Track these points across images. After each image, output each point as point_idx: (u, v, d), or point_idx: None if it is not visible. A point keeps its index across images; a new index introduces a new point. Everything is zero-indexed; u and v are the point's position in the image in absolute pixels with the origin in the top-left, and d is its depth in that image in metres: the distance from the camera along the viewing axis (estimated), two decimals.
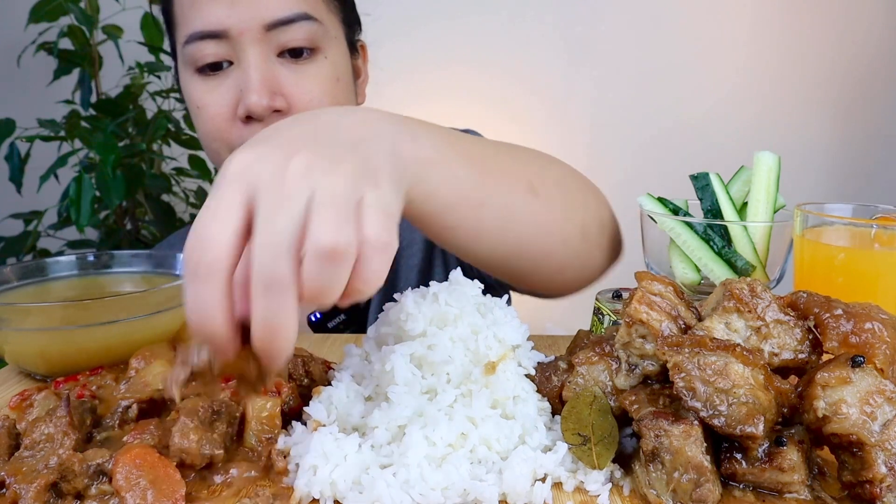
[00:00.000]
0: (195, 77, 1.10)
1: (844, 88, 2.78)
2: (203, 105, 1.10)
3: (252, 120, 1.07)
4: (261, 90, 1.04)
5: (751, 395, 0.55)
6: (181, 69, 1.13)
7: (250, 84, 1.04)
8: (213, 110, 1.09)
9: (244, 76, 1.05)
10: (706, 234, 0.88)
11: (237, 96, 1.07)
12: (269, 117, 1.06)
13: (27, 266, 0.97)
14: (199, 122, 1.13)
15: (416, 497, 0.56)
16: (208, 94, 1.09)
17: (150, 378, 0.78)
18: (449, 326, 0.70)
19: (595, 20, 2.71)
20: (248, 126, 1.07)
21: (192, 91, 1.11)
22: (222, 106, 1.08)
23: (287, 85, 1.07)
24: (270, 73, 1.06)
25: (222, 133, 1.10)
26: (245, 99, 1.04)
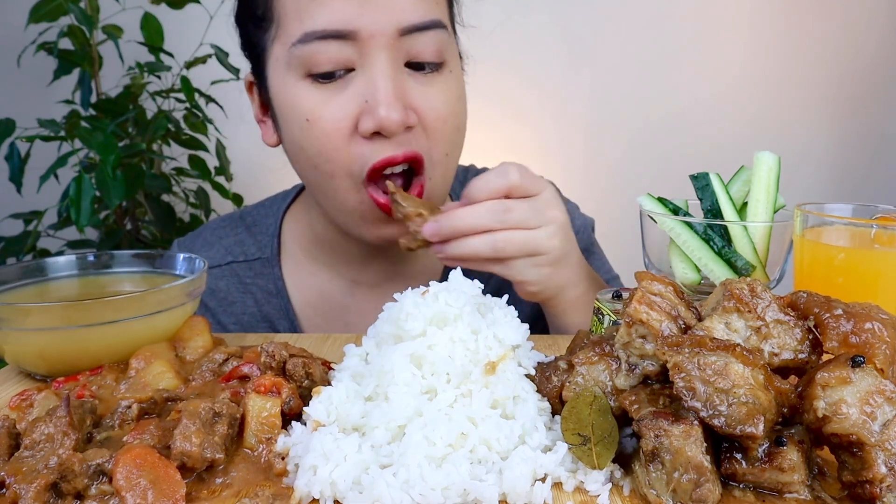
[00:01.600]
0: (304, 83, 0.95)
1: (844, 88, 2.77)
2: (316, 118, 0.95)
3: (378, 136, 0.94)
4: (394, 102, 0.92)
5: (751, 395, 0.55)
6: (280, 72, 0.97)
7: (380, 95, 0.91)
8: (329, 125, 0.94)
9: (371, 86, 0.92)
10: (706, 234, 0.88)
11: (359, 108, 0.94)
12: (400, 135, 0.95)
13: (27, 266, 0.97)
14: (308, 139, 0.97)
15: (416, 497, 0.56)
16: (322, 106, 0.94)
17: (150, 378, 0.78)
18: (449, 326, 0.70)
19: (595, 19, 2.71)
20: (372, 143, 0.94)
21: (302, 100, 0.95)
22: (341, 120, 0.94)
23: (417, 99, 0.96)
24: (401, 83, 0.94)
25: (339, 151, 0.95)
26: (374, 111, 0.92)
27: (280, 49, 0.96)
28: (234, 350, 0.84)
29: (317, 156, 0.97)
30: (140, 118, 2.24)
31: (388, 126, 0.92)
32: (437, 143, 0.99)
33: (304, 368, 0.76)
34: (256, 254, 1.21)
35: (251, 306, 1.19)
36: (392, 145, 0.95)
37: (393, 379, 0.66)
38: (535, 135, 2.75)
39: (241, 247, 1.22)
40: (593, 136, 2.80)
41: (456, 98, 1.02)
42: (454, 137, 1.02)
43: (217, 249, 1.21)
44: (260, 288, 1.20)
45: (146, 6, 2.22)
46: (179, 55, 2.24)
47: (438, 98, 0.98)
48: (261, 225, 1.24)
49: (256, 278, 1.20)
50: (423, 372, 0.67)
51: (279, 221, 1.23)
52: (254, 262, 1.21)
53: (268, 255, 1.20)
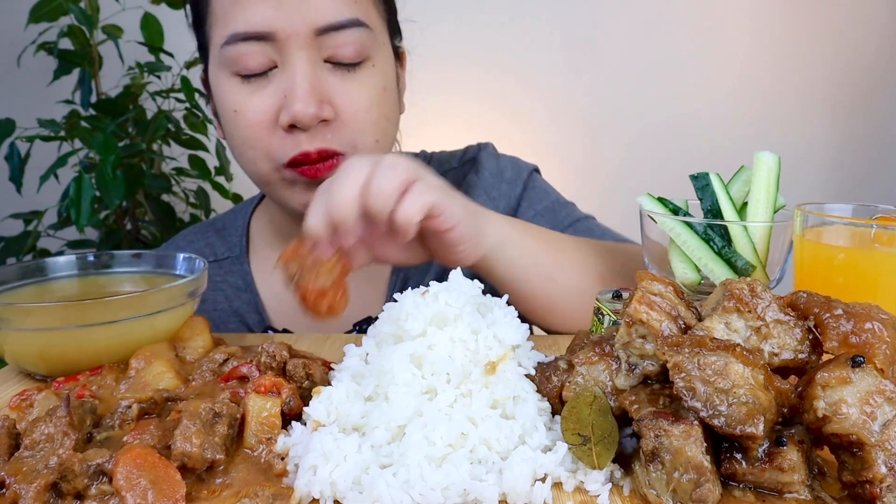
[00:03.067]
0: (232, 80, 1.02)
1: (844, 88, 2.78)
2: (241, 110, 1.02)
3: (295, 129, 1.00)
4: (308, 98, 0.97)
5: (751, 395, 0.55)
6: (215, 70, 1.05)
7: (296, 91, 0.97)
8: (252, 116, 1.01)
9: (289, 82, 0.98)
10: (706, 234, 0.88)
11: (280, 102, 1.00)
12: (315, 127, 1.00)
13: (27, 266, 0.97)
14: (234, 128, 1.05)
15: (416, 497, 0.56)
16: (247, 99, 1.01)
17: (150, 378, 0.78)
18: (449, 326, 0.70)
19: (595, 20, 2.71)
20: (292, 135, 1.00)
21: (229, 94, 1.03)
22: (263, 112, 1.01)
23: (335, 93, 1.01)
24: (318, 80, 0.99)
25: (261, 141, 1.02)
26: (290, 106, 0.98)
27: (213, 49, 1.04)
28: (234, 350, 0.84)
29: (242, 143, 1.05)
30: (140, 118, 2.24)
31: (302, 119, 0.98)
32: (362, 133, 1.04)
33: (305, 369, 0.76)
34: (226, 253, 1.28)
35: (221, 302, 1.24)
36: (308, 138, 1.00)
37: (393, 379, 0.66)
38: (534, 136, 2.74)
39: (211, 248, 1.29)
40: (593, 136, 2.80)
41: (379, 90, 1.06)
42: (381, 125, 1.07)
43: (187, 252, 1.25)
44: (230, 284, 1.25)
45: (146, 6, 2.23)
46: (179, 55, 2.24)
47: (358, 91, 1.02)
48: (230, 227, 1.31)
49: (226, 276, 1.26)
50: (423, 372, 0.67)
51: (247, 222, 1.30)
52: (223, 261, 1.27)
53: (237, 254, 1.27)
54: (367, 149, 1.05)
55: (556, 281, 1.00)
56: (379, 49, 1.06)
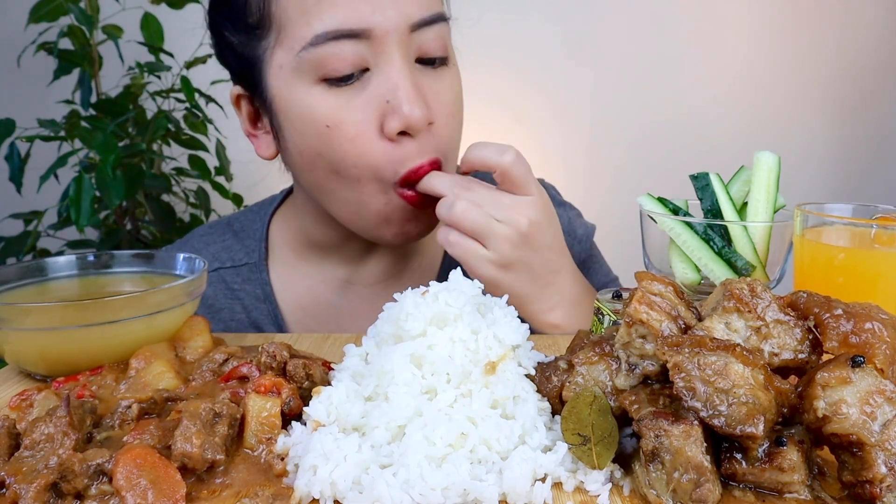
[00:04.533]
0: (318, 88, 0.92)
1: (844, 88, 2.77)
2: (337, 123, 0.92)
3: (403, 136, 0.93)
4: (416, 99, 0.90)
5: (751, 395, 0.55)
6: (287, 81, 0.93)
7: (401, 93, 0.90)
8: (353, 129, 0.91)
9: (390, 84, 0.91)
10: (706, 234, 0.88)
11: (380, 110, 0.92)
12: (421, 132, 0.93)
13: (27, 266, 0.97)
14: (329, 144, 0.93)
15: (416, 497, 0.56)
16: (343, 110, 0.92)
17: (150, 378, 0.78)
18: (449, 326, 0.70)
19: (595, 19, 2.71)
20: (398, 144, 0.93)
21: (318, 107, 0.92)
22: (364, 122, 0.92)
23: (430, 95, 0.95)
24: (417, 80, 0.93)
25: (366, 156, 0.93)
26: (398, 110, 0.90)
27: (284, 56, 0.93)
28: (234, 350, 0.84)
29: (341, 161, 0.94)
30: (140, 118, 2.24)
31: (414, 123, 0.91)
32: (452, 140, 1.00)
33: (305, 369, 0.76)
34: (244, 259, 1.20)
35: (239, 312, 1.19)
36: (415, 146, 0.94)
37: (393, 379, 0.66)
38: (535, 135, 2.74)
39: (228, 252, 1.21)
40: (594, 136, 2.80)
41: (460, 91, 1.02)
42: (459, 133, 1.03)
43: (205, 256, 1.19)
44: (248, 293, 1.19)
45: (146, 6, 2.22)
46: (179, 55, 2.24)
47: (449, 92, 0.98)
48: (248, 230, 1.23)
49: (244, 283, 1.19)
50: (423, 372, 0.67)
51: (266, 226, 1.22)
52: (241, 267, 1.20)
53: (255, 260, 1.19)
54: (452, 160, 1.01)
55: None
56: (452, 48, 1.02)
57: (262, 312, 1.18)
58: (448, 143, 0.99)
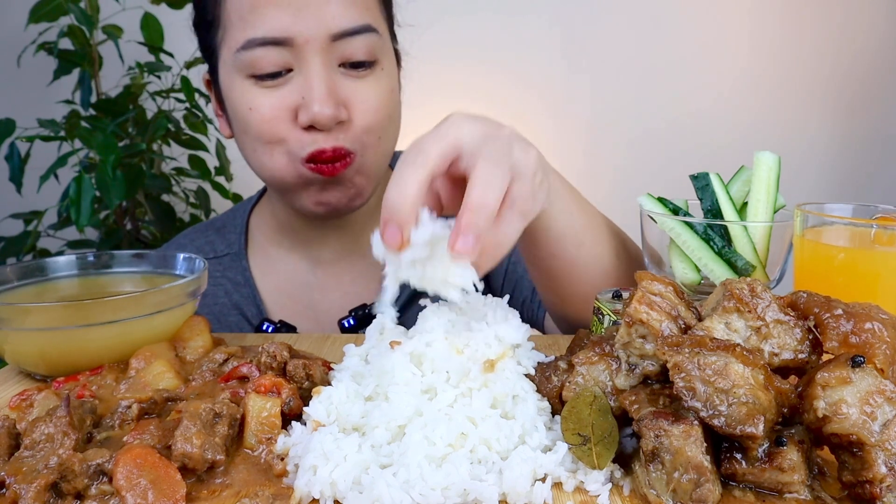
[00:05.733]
0: (247, 81, 1.06)
1: (844, 88, 2.77)
2: (256, 107, 1.06)
3: (314, 129, 1.04)
4: (326, 100, 1.02)
5: (751, 395, 0.55)
6: (227, 73, 1.09)
7: (314, 94, 1.02)
8: (268, 112, 1.05)
9: (306, 85, 1.03)
10: (706, 234, 0.88)
11: (296, 102, 1.04)
12: (333, 128, 1.05)
13: (27, 266, 0.97)
14: (249, 125, 1.07)
15: (416, 497, 0.56)
16: (263, 97, 1.05)
17: (150, 378, 0.78)
18: (449, 326, 0.70)
19: (594, 19, 2.71)
20: (310, 134, 1.05)
21: (243, 94, 1.06)
22: (280, 108, 1.05)
23: (349, 96, 1.06)
24: (333, 83, 1.04)
25: (278, 135, 1.06)
26: (308, 108, 1.02)
27: (227, 52, 1.06)
28: (234, 350, 0.84)
29: (257, 136, 1.07)
30: (140, 118, 2.24)
31: (321, 120, 1.02)
32: (370, 133, 1.09)
33: (305, 369, 0.76)
34: (225, 250, 1.32)
35: (221, 297, 1.29)
36: (324, 136, 1.04)
37: (393, 378, 0.66)
38: (535, 136, 2.73)
39: (210, 245, 1.33)
40: (594, 137, 2.80)
41: (387, 91, 1.11)
42: (385, 125, 1.12)
43: (189, 250, 1.30)
44: (229, 280, 1.29)
45: (146, 6, 2.22)
46: (179, 55, 2.24)
47: (369, 93, 1.07)
48: (230, 226, 1.35)
49: (226, 271, 1.30)
50: (422, 370, 0.67)
51: (246, 219, 1.34)
52: (223, 257, 1.32)
53: (236, 250, 1.31)
54: (372, 147, 1.10)
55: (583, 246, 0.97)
56: (386, 53, 1.11)
57: (242, 295, 1.28)
58: (363, 137, 1.08)
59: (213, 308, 1.27)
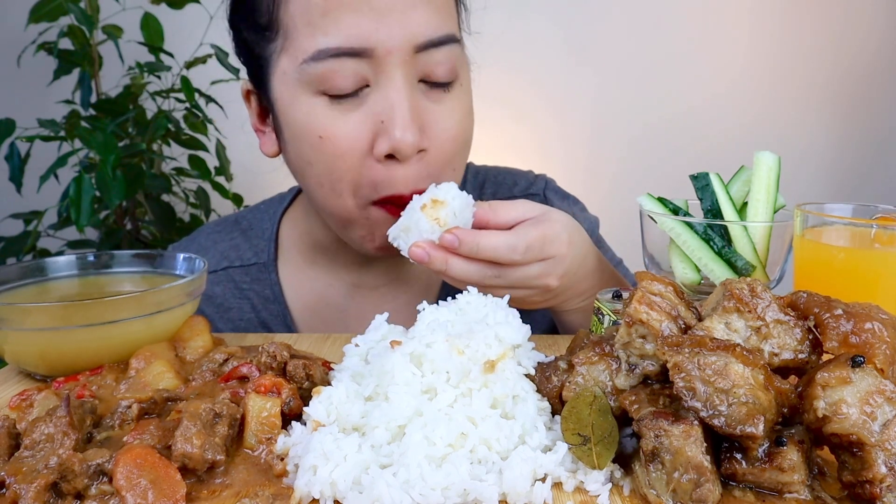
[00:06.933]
0: (316, 100, 0.92)
1: (844, 88, 2.78)
2: (330, 136, 0.92)
3: (392, 159, 0.92)
4: (409, 124, 0.90)
5: (751, 395, 0.55)
6: (289, 87, 0.94)
7: (396, 116, 0.89)
8: (344, 144, 0.91)
9: (386, 105, 0.90)
10: (706, 234, 0.87)
11: (374, 128, 0.91)
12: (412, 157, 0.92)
13: (27, 266, 0.97)
14: (318, 155, 0.94)
15: (416, 497, 0.56)
16: (337, 123, 0.91)
17: (150, 378, 0.78)
18: (448, 326, 0.70)
19: (596, 19, 2.71)
20: (384, 166, 0.92)
21: (312, 117, 0.92)
22: (356, 140, 0.91)
23: (429, 120, 0.94)
24: (416, 102, 0.92)
25: (351, 172, 0.93)
26: (390, 134, 0.89)
27: (288, 63, 0.93)
28: (234, 350, 0.84)
29: (326, 174, 0.95)
30: (140, 118, 2.24)
31: (403, 150, 0.90)
32: (445, 161, 0.98)
33: (305, 369, 0.76)
34: (253, 259, 1.20)
35: (248, 312, 1.19)
36: (403, 172, 0.93)
37: (393, 379, 0.66)
38: (536, 135, 2.75)
39: (236, 251, 1.21)
40: (594, 136, 2.80)
41: (466, 113, 1.00)
42: (461, 152, 1.02)
43: (213, 254, 1.20)
44: (257, 293, 1.19)
45: (146, 6, 2.23)
46: (179, 55, 2.24)
47: (451, 117, 0.96)
48: (257, 229, 1.22)
49: (253, 283, 1.19)
50: (422, 371, 0.67)
51: (276, 225, 1.21)
52: (250, 266, 1.19)
53: (265, 260, 1.19)
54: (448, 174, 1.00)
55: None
56: (464, 66, 1.00)
57: (271, 313, 1.18)
58: (440, 169, 0.97)
59: (238, 323, 1.18)
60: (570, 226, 0.94)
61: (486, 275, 0.90)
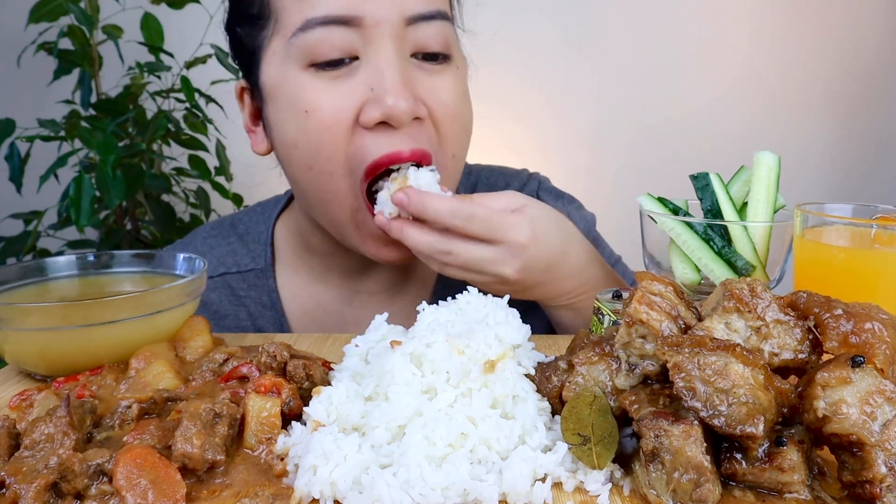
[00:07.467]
0: (306, 73, 0.89)
1: (844, 89, 2.78)
2: (315, 108, 0.89)
3: (383, 127, 0.89)
4: (402, 91, 0.87)
5: (751, 395, 0.55)
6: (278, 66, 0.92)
7: (387, 83, 0.86)
8: (329, 116, 0.88)
9: (377, 74, 0.87)
10: (706, 234, 0.87)
11: (362, 98, 0.88)
12: (409, 125, 0.90)
13: (27, 266, 0.97)
14: (304, 132, 0.90)
15: (416, 497, 0.56)
16: (324, 95, 0.89)
17: (150, 378, 0.78)
18: (448, 326, 0.70)
19: (597, 19, 2.71)
20: (376, 135, 0.89)
21: (302, 90, 0.89)
22: (343, 110, 0.88)
23: (425, 91, 0.91)
24: (408, 73, 0.90)
25: (338, 146, 0.90)
26: (381, 101, 0.87)
27: (279, 42, 0.92)
28: (234, 350, 0.84)
29: (314, 153, 0.91)
30: (140, 118, 2.24)
31: (397, 115, 0.87)
32: (446, 142, 0.96)
33: (305, 369, 0.76)
34: (250, 264, 1.17)
35: (244, 319, 1.17)
36: (399, 138, 0.90)
37: (393, 379, 0.66)
38: (537, 135, 2.75)
39: (233, 257, 1.18)
40: (595, 136, 2.80)
41: (463, 93, 0.98)
42: (461, 138, 0.99)
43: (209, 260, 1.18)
44: (253, 300, 1.17)
45: (146, 6, 2.23)
46: (179, 55, 2.24)
47: (448, 91, 0.94)
48: (253, 233, 1.20)
49: (250, 290, 1.17)
50: (422, 371, 0.67)
51: (271, 229, 1.19)
52: (247, 272, 1.17)
53: (261, 266, 1.17)
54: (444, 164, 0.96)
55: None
56: (457, 49, 0.98)
57: (268, 320, 1.16)
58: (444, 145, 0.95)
59: (234, 330, 1.17)
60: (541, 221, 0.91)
61: (437, 249, 0.89)
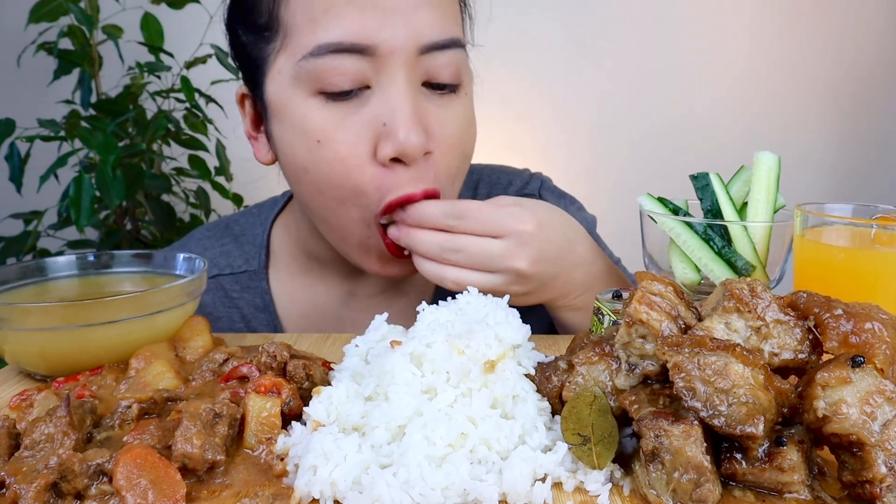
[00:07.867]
0: (315, 100, 0.88)
1: (844, 89, 2.78)
2: (328, 140, 0.87)
3: (396, 162, 0.88)
4: (414, 126, 0.86)
5: (751, 395, 0.55)
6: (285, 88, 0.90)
7: (398, 117, 0.86)
8: (344, 149, 0.87)
9: (389, 106, 0.86)
10: (706, 234, 0.87)
11: (375, 133, 0.87)
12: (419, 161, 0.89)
13: (27, 266, 0.97)
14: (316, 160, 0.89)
15: (416, 497, 0.56)
16: (336, 127, 0.87)
17: (150, 378, 0.78)
18: (448, 326, 0.70)
19: (598, 19, 2.71)
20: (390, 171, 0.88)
21: (312, 119, 0.88)
22: (357, 144, 0.87)
23: (433, 123, 0.90)
24: (419, 104, 0.88)
25: (353, 180, 0.89)
26: (393, 136, 0.86)
27: (286, 62, 0.89)
28: (234, 350, 0.84)
29: (325, 181, 0.90)
30: (140, 118, 2.24)
31: (409, 152, 0.86)
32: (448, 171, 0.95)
33: (305, 369, 0.76)
34: (243, 266, 1.16)
35: (237, 321, 1.16)
36: (409, 174, 0.90)
37: (393, 379, 0.66)
38: (537, 135, 2.75)
39: (227, 258, 1.17)
40: (596, 136, 2.80)
41: (469, 122, 0.97)
42: (462, 164, 0.98)
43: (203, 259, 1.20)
44: (247, 302, 1.16)
45: (146, 6, 2.23)
46: (179, 55, 2.24)
47: (453, 122, 0.93)
48: (248, 234, 1.18)
49: (243, 292, 1.16)
50: (422, 371, 0.67)
51: (267, 231, 1.17)
52: (240, 274, 1.16)
53: (255, 268, 1.16)
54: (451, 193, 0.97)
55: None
56: (467, 75, 0.97)
57: (261, 322, 1.15)
58: (445, 175, 0.94)
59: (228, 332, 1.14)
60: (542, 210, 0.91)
61: (445, 248, 0.89)
